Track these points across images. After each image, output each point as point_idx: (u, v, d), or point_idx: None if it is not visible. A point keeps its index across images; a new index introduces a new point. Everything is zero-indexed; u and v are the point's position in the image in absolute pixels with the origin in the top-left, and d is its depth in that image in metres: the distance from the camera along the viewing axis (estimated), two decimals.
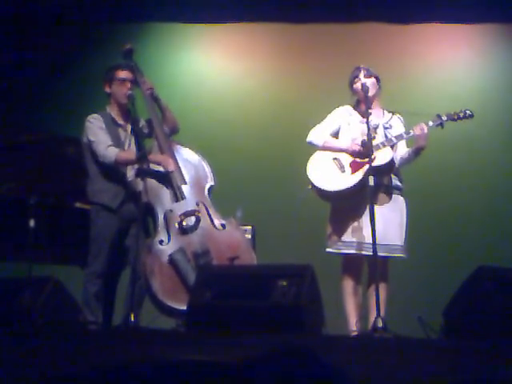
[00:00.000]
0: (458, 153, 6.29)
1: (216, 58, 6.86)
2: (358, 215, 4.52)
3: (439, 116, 4.61)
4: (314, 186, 4.59)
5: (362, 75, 4.68)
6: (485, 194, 6.32)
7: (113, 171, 4.68)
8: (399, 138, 4.61)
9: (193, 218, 4.65)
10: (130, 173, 4.71)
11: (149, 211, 4.67)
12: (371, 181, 4.34)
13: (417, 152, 4.65)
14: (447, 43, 6.63)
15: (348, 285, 4.60)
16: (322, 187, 4.55)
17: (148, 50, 6.64)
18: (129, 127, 4.78)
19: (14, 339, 3.62)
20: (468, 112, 4.67)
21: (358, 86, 4.66)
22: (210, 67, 6.84)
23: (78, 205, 4.92)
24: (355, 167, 4.55)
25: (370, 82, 4.66)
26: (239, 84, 6.77)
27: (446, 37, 6.62)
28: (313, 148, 4.73)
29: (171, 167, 4.69)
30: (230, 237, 4.66)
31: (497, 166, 6.36)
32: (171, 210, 4.66)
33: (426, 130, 4.56)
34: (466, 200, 6.31)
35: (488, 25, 6.59)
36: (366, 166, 4.42)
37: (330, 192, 4.55)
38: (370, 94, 4.61)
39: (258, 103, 6.66)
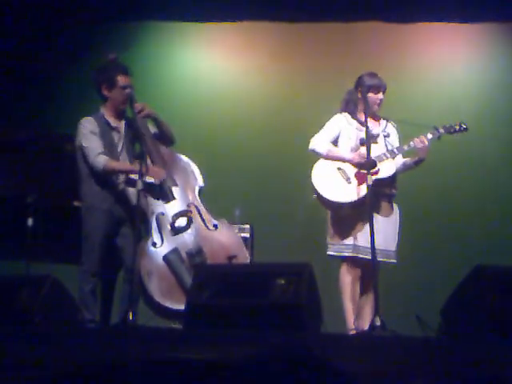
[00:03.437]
0: (458, 152, 6.27)
1: (215, 56, 6.86)
2: (358, 221, 4.57)
3: (436, 129, 4.65)
4: (320, 197, 4.62)
5: (382, 88, 4.66)
6: (483, 194, 6.32)
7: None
8: (400, 150, 4.65)
9: (185, 219, 4.67)
10: (122, 175, 4.71)
11: (140, 213, 4.65)
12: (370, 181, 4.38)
13: (417, 163, 4.72)
14: (446, 42, 6.63)
15: (347, 285, 4.62)
16: (331, 199, 4.57)
17: (147, 49, 6.66)
18: (122, 129, 4.78)
19: (12, 337, 3.62)
20: (463, 126, 4.73)
21: (371, 97, 4.62)
22: (208, 66, 6.84)
23: (76, 203, 4.92)
24: (360, 179, 4.57)
25: (382, 99, 4.69)
26: (238, 83, 6.77)
27: (445, 36, 6.62)
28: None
29: (162, 177, 4.69)
30: (222, 236, 4.69)
31: (497, 166, 6.36)
32: (163, 213, 4.67)
33: (426, 143, 4.59)
34: (464, 200, 6.31)
35: (488, 24, 6.59)
36: (371, 178, 4.45)
37: (339, 203, 4.58)
38: (377, 108, 4.66)
39: (257, 102, 6.66)
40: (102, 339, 3.70)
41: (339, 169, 4.65)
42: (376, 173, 4.50)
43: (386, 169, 4.54)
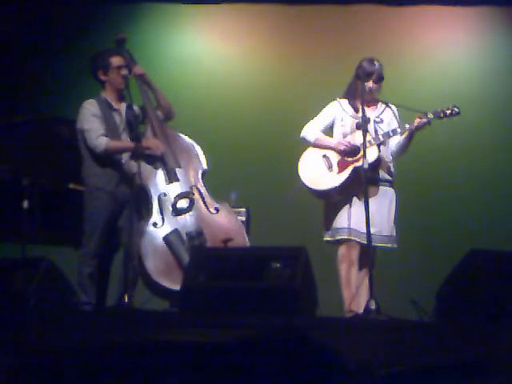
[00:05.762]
0: (455, 137, 6.26)
1: (212, 39, 6.82)
2: (347, 205, 4.59)
3: (425, 114, 4.58)
4: (302, 184, 4.68)
5: (374, 77, 4.61)
6: (477, 179, 6.32)
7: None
8: (385, 136, 4.62)
9: (187, 200, 4.69)
10: (125, 155, 4.72)
11: (142, 193, 4.69)
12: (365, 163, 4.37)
13: (410, 137, 4.65)
14: (444, 26, 6.60)
15: (344, 269, 4.63)
16: (311, 187, 4.65)
17: (144, 32, 6.62)
18: (123, 111, 4.80)
19: (7, 320, 3.63)
20: (455, 109, 4.64)
21: (368, 85, 4.59)
22: (206, 49, 6.80)
23: (71, 186, 4.93)
24: (342, 166, 4.62)
25: (377, 88, 4.66)
26: (236, 66, 6.74)
27: (444, 19, 6.59)
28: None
29: (160, 151, 4.71)
30: (223, 220, 4.71)
31: (494, 150, 6.36)
32: (165, 194, 4.69)
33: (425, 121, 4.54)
34: (458, 185, 6.31)
35: (486, 7, 6.56)
36: (352, 166, 4.55)
37: (316, 190, 4.66)
38: (372, 96, 4.63)
39: (254, 85, 6.63)
40: (97, 321, 3.71)
41: (324, 156, 4.69)
42: (357, 160, 4.52)
43: (367, 155, 4.47)
